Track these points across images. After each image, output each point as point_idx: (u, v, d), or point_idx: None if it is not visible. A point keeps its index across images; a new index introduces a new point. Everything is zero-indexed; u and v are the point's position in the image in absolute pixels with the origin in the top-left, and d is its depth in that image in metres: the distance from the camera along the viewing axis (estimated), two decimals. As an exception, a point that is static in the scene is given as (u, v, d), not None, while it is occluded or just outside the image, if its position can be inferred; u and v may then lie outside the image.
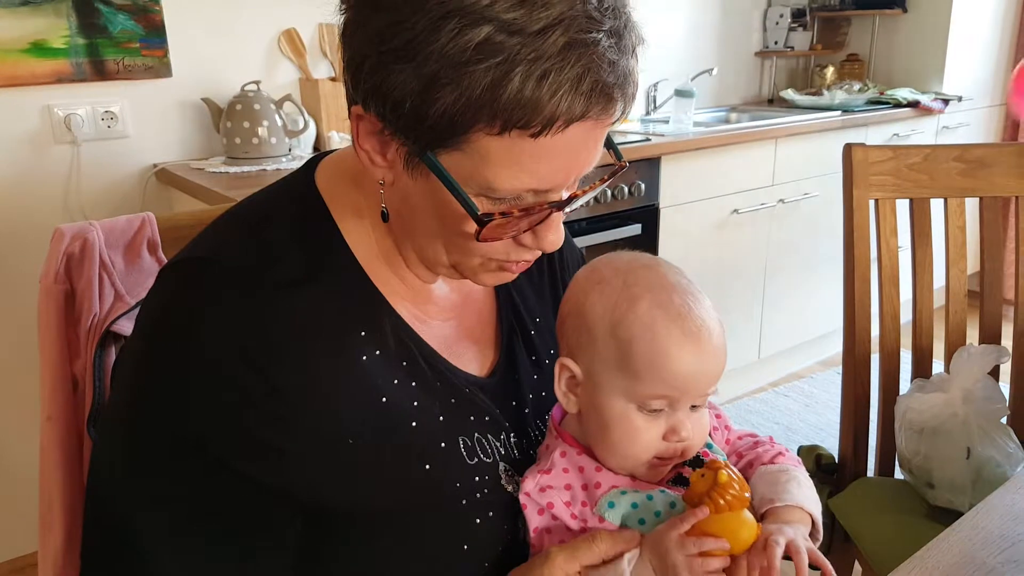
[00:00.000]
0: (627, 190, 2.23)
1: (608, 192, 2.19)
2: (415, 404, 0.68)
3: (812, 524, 0.70)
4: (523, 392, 0.78)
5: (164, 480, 0.61)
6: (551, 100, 0.53)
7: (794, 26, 3.21)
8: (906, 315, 1.40)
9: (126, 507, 0.62)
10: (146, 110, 1.96)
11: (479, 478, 0.70)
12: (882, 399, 1.41)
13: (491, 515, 0.70)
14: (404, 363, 0.68)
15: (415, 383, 0.68)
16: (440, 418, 0.69)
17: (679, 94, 2.56)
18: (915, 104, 2.93)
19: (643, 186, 2.26)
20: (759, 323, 2.77)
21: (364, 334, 0.66)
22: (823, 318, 2.95)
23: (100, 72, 1.86)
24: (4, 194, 1.83)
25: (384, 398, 0.66)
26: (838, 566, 1.35)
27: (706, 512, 0.63)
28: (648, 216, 2.32)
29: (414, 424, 0.67)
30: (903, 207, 1.39)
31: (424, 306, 0.73)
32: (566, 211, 0.64)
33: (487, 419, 0.72)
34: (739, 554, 0.63)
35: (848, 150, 1.37)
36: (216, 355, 0.60)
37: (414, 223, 0.65)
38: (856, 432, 1.42)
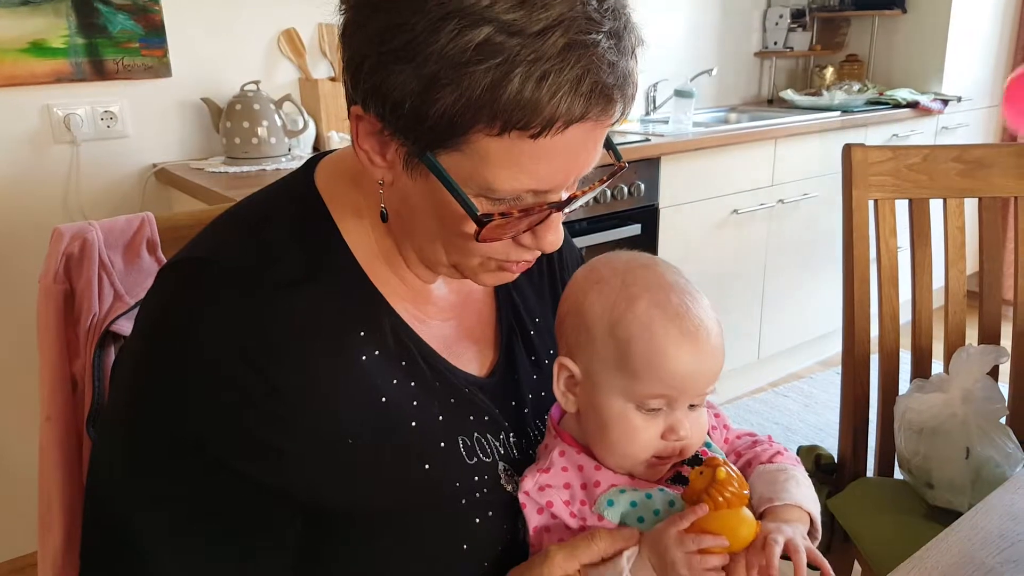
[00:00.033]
0: (627, 190, 2.23)
1: (608, 192, 2.19)
2: (414, 404, 0.68)
3: (811, 523, 0.70)
4: (522, 392, 0.78)
5: (163, 480, 0.61)
6: (551, 101, 0.53)
7: (794, 26, 3.21)
8: (905, 315, 1.40)
9: (125, 507, 0.62)
10: (146, 110, 1.96)
11: (478, 478, 0.70)
12: (881, 399, 1.41)
13: (490, 515, 0.70)
14: (403, 363, 0.68)
15: (414, 383, 0.68)
16: (439, 418, 0.69)
17: (679, 94, 2.56)
18: (914, 105, 2.93)
19: (643, 186, 2.26)
20: (759, 323, 2.77)
21: (363, 334, 0.66)
22: (822, 318, 2.95)
23: (99, 72, 1.86)
24: (3, 194, 1.83)
25: (383, 398, 0.66)
26: (837, 566, 1.35)
27: (705, 509, 0.63)
28: (648, 216, 2.32)
29: (413, 424, 0.67)
30: (902, 207, 1.39)
31: (423, 306, 0.73)
32: (565, 212, 0.64)
33: (486, 419, 0.72)
34: (738, 551, 0.63)
35: (847, 150, 1.37)
36: (215, 355, 0.60)
37: (413, 223, 0.66)
38: (855, 432, 1.42)
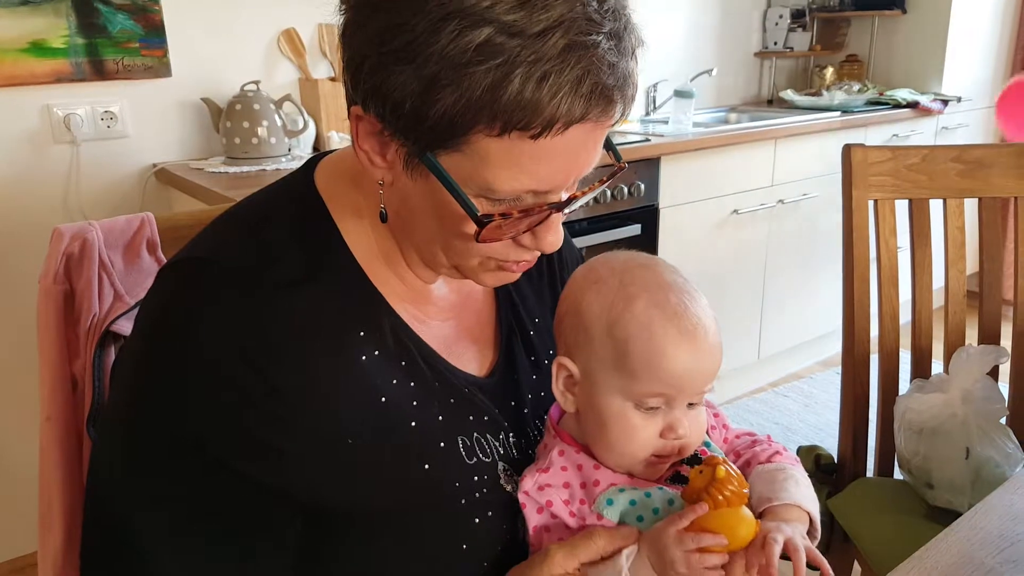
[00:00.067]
0: (627, 190, 2.23)
1: (608, 192, 2.19)
2: (414, 404, 0.68)
3: (810, 523, 0.70)
4: (522, 392, 0.78)
5: (163, 480, 0.61)
6: (551, 102, 0.53)
7: (793, 27, 3.21)
8: (905, 315, 1.40)
9: (125, 507, 0.62)
10: (145, 110, 1.96)
11: (478, 478, 0.70)
12: (881, 399, 1.41)
13: (490, 515, 0.70)
14: (403, 363, 0.68)
15: (414, 383, 0.69)
16: (439, 418, 0.69)
17: (679, 95, 2.56)
18: (914, 105, 2.93)
19: (643, 186, 2.26)
20: (759, 323, 2.77)
21: (363, 334, 0.66)
22: (822, 318, 2.95)
23: (99, 72, 1.86)
24: (3, 194, 1.83)
25: (383, 398, 0.66)
26: (837, 566, 1.35)
27: (705, 508, 0.63)
28: (648, 216, 2.32)
29: (413, 424, 0.67)
30: (902, 207, 1.39)
31: (423, 306, 0.73)
32: (565, 212, 0.64)
33: (486, 419, 0.73)
34: (737, 550, 0.63)
35: (847, 151, 1.37)
36: (215, 355, 0.60)
37: (413, 224, 0.66)
38: (855, 432, 1.42)
